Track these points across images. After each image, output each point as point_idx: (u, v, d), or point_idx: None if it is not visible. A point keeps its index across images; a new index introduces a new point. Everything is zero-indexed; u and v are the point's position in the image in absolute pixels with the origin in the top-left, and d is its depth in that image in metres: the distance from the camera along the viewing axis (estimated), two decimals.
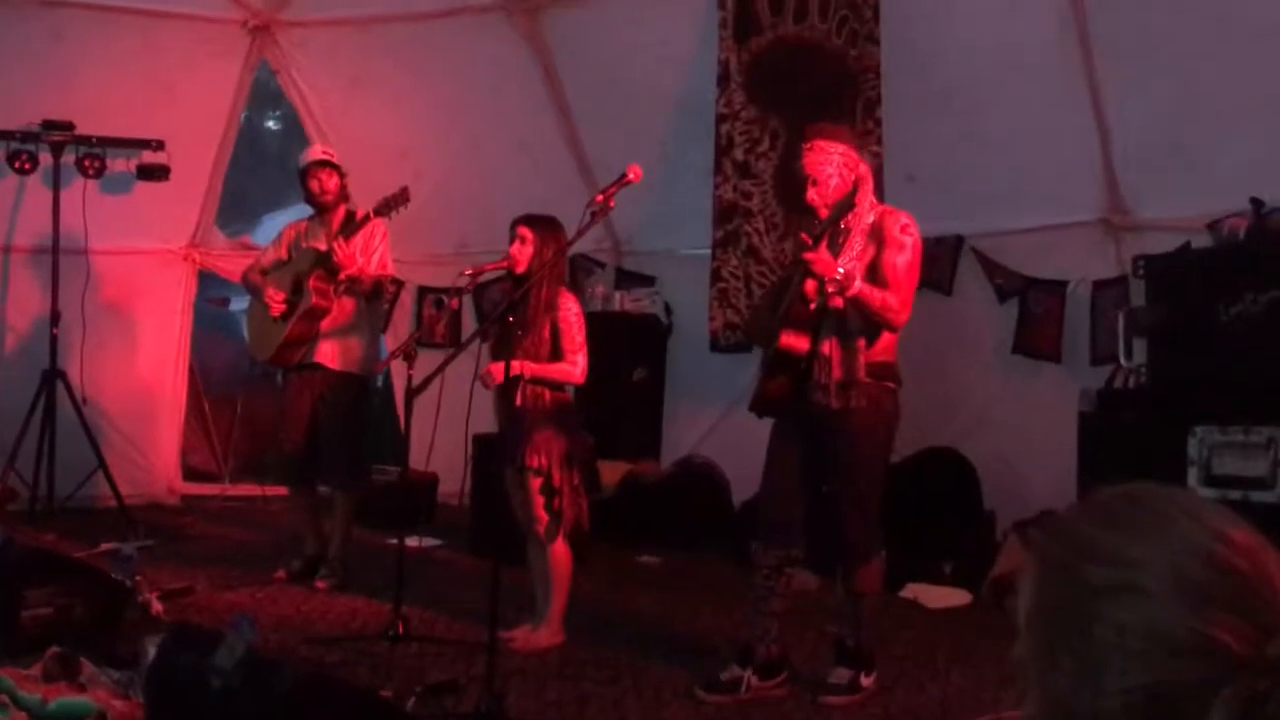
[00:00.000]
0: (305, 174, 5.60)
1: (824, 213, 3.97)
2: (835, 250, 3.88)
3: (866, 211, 3.95)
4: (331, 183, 5.57)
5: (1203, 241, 5.14)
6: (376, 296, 5.66)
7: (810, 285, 3.85)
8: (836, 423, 3.91)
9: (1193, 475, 4.09)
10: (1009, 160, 5.99)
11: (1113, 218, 5.95)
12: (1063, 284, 6.10)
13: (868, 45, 6.02)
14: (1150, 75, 5.50)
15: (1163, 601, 1.02)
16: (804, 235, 3.91)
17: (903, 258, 3.92)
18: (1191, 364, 4.38)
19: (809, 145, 4.01)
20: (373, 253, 5.49)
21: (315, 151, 5.77)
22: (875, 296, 3.84)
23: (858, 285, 3.81)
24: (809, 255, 3.78)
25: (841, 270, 3.79)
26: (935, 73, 6.02)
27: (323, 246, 5.41)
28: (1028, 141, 5.94)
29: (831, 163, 3.95)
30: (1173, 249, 5.26)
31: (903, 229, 3.95)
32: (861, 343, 3.91)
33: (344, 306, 5.48)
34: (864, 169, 4.01)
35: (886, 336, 3.96)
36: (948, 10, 5.95)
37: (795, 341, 3.93)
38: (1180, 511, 1.08)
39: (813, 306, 3.88)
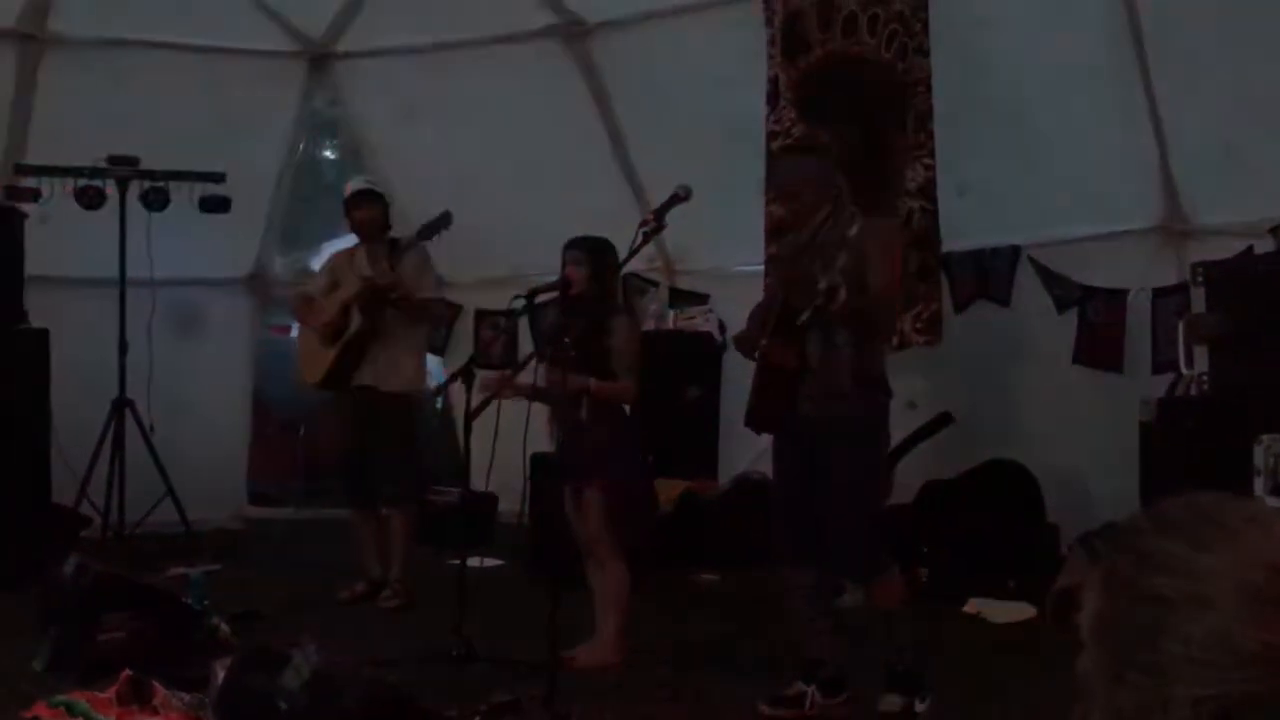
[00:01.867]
0: (350, 204, 5.77)
1: (804, 229, 4.02)
2: (819, 262, 3.86)
3: (848, 223, 3.94)
4: (376, 211, 5.72)
5: (1265, 246, 5.06)
6: (421, 319, 5.78)
7: (795, 303, 3.85)
8: (827, 436, 3.88)
9: (1259, 484, 4.01)
10: (1065, 169, 5.94)
11: (1171, 224, 5.87)
12: (1122, 293, 6.02)
13: (918, 58, 5.99)
14: (1206, 79, 5.43)
15: (1231, 613, 1.01)
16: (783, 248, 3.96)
17: (885, 267, 3.91)
18: (1254, 371, 4.31)
19: (779, 164, 4.13)
20: (417, 277, 5.60)
21: (359, 182, 5.93)
22: (860, 308, 3.81)
23: (841, 298, 3.74)
24: (789, 274, 3.79)
25: (824, 284, 3.74)
26: (987, 83, 5.99)
27: (369, 272, 5.55)
28: (1083, 149, 5.89)
29: (804, 180, 4.02)
30: (1234, 254, 5.19)
31: (883, 237, 3.98)
32: (848, 354, 3.88)
33: (390, 329, 5.60)
34: (840, 181, 4.06)
35: (874, 345, 3.96)
36: (999, 20, 5.92)
37: (783, 356, 3.91)
38: (1246, 522, 1.07)
39: (799, 323, 3.85)
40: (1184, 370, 4.74)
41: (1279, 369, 4.21)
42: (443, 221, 5.37)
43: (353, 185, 5.88)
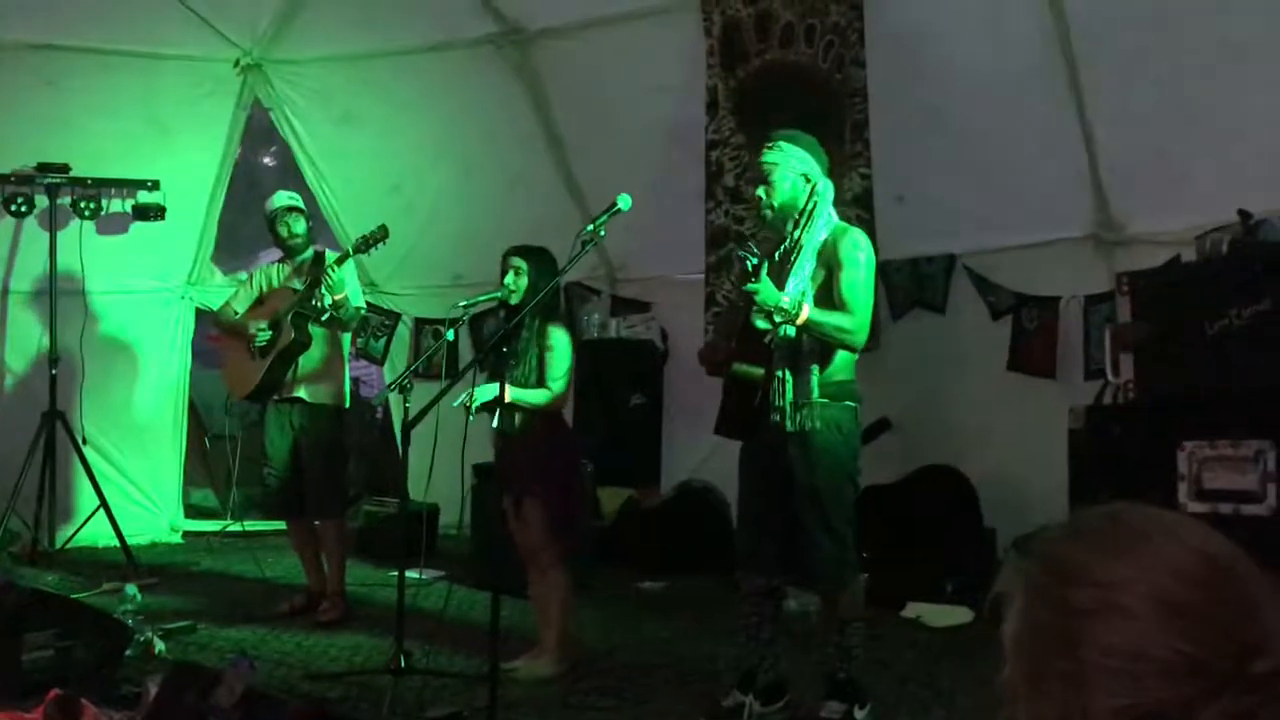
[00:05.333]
0: (273, 220, 5.76)
1: (769, 214, 3.92)
2: (784, 268, 3.82)
3: (820, 229, 3.88)
4: (299, 226, 5.76)
5: (1193, 255, 5.17)
6: (347, 330, 5.79)
7: (759, 316, 3.78)
8: (794, 446, 3.84)
9: (1183, 490, 4.09)
10: (998, 178, 6.02)
11: (1103, 233, 5.98)
12: (1055, 300, 6.13)
13: (854, 69, 6.06)
14: (1135, 91, 5.54)
15: (1145, 622, 1.03)
16: (744, 258, 3.78)
17: (858, 276, 3.82)
18: (1178, 379, 4.38)
19: (771, 144, 3.94)
20: (346, 289, 5.60)
21: (281, 199, 5.90)
22: (829, 320, 3.77)
23: (807, 312, 3.73)
24: (751, 288, 3.70)
25: (787, 299, 3.71)
26: (922, 94, 6.06)
27: (296, 286, 5.57)
28: (1016, 159, 5.97)
29: (790, 167, 3.89)
30: (1163, 263, 5.29)
31: (855, 248, 3.84)
32: (815, 364, 3.83)
33: (317, 341, 5.61)
34: (823, 186, 3.91)
35: (843, 355, 3.89)
36: (932, 31, 5.99)
37: (749, 368, 3.86)
38: (1159, 530, 1.08)
39: (767, 340, 3.80)
40: (1110, 378, 4.80)
41: (1202, 376, 4.29)
42: (377, 235, 5.39)
43: (274, 202, 5.86)
